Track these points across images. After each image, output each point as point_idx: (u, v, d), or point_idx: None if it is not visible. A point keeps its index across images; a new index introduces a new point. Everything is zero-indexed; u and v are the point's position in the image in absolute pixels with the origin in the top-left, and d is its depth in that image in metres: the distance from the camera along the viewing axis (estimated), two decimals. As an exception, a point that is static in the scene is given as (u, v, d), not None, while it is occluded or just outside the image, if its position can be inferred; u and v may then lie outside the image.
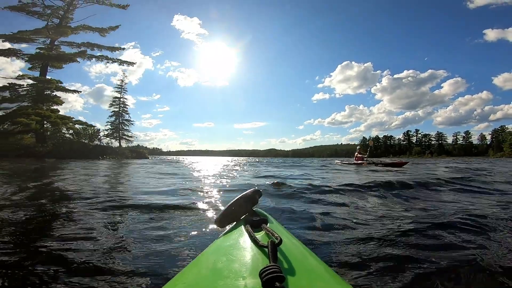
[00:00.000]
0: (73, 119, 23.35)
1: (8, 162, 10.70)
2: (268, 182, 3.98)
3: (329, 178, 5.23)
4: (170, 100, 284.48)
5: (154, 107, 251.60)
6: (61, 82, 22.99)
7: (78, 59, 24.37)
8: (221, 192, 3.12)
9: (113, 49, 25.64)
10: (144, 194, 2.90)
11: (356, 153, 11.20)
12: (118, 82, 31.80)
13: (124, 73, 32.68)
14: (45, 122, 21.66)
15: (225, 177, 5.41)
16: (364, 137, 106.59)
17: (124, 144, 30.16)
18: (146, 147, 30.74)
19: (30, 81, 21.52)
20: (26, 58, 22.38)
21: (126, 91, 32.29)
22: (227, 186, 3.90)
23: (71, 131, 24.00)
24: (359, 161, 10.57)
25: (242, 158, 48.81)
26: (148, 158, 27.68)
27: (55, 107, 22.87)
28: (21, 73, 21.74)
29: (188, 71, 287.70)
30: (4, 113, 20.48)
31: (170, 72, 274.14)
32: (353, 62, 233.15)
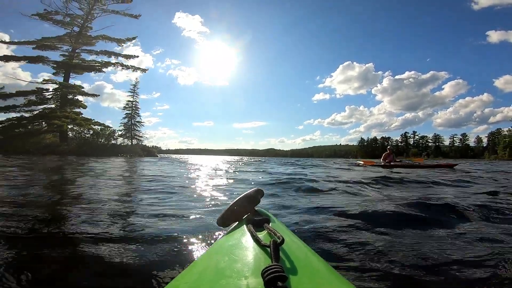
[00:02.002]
0: (93, 121, 23.95)
1: (42, 159, 10.95)
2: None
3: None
4: (170, 99, 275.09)
5: (154, 105, 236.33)
6: (83, 88, 23.68)
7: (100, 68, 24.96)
8: (231, 190, 3.07)
9: (128, 56, 26.20)
10: (149, 192, 2.89)
11: (385, 154, 10.40)
12: (117, 81, 32.75)
13: (137, 79, 33.29)
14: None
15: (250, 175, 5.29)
16: (362, 138, 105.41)
17: (134, 143, 30.67)
18: (145, 145, 30.75)
19: (53, 85, 22.22)
20: (53, 65, 23.07)
21: (138, 95, 33.03)
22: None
23: (91, 132, 24.59)
24: (391, 162, 9.90)
25: (246, 157, 48.31)
26: (157, 156, 27.67)
27: (76, 109, 23.50)
28: (21, 70, 22.72)
29: (189, 69, 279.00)
30: (31, 115, 21.20)
31: (170, 70, 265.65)
32: (354, 63, 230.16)
